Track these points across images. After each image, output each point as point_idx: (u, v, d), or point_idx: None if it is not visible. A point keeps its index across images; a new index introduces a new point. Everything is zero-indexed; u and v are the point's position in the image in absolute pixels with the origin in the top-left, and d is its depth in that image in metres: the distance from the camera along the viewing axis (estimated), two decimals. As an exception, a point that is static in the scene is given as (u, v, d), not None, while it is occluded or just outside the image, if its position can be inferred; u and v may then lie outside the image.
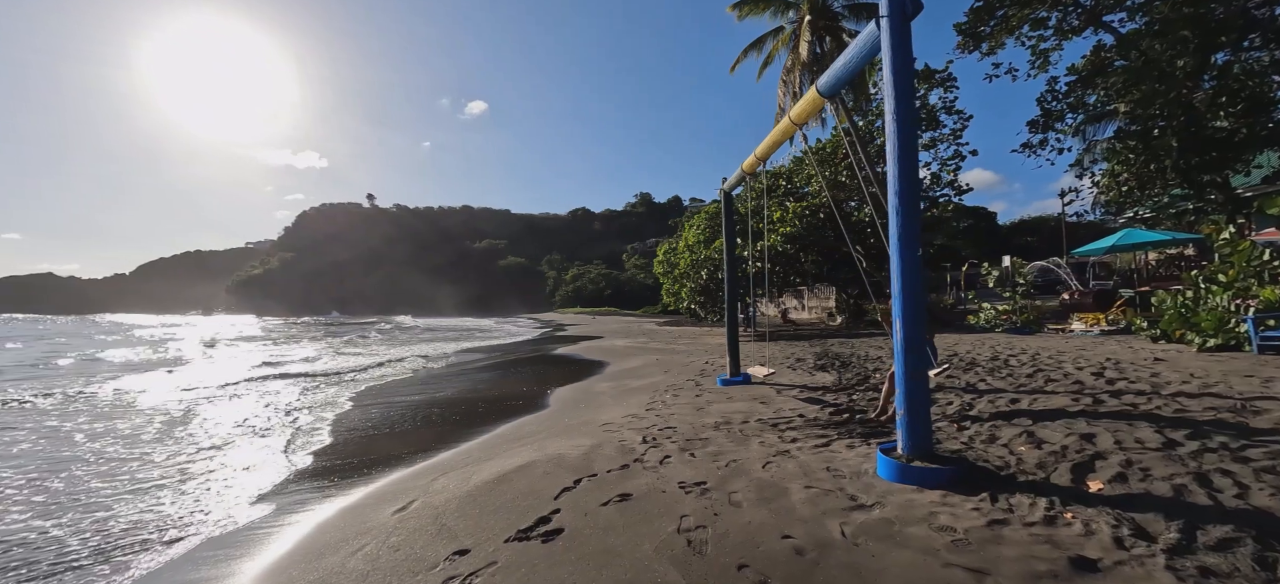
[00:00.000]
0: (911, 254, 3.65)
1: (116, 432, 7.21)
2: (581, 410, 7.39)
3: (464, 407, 8.53)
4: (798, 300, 40.00)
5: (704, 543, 2.85)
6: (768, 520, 3.05)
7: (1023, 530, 2.69)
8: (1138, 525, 2.62)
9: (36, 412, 8.90)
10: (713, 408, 6.53)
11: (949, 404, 5.59)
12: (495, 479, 4.16)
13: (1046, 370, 6.86)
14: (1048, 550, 2.47)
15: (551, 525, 3.22)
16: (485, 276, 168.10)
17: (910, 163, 3.71)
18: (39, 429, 7.49)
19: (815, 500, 3.30)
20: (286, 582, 2.98)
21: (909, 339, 3.61)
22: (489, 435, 6.35)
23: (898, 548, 2.64)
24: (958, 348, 10.00)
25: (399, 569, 2.91)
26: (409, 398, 9.66)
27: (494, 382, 11.62)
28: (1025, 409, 5.03)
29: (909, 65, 3.74)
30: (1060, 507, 2.89)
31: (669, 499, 3.47)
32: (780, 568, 2.53)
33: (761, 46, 17.97)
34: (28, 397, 10.31)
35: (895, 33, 3.70)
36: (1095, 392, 5.48)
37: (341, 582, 2.88)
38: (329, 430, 7.08)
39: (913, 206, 3.68)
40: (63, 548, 3.71)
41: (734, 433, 5.08)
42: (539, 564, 2.78)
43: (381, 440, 6.49)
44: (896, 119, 3.69)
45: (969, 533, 2.71)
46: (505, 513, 3.49)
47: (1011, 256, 19.26)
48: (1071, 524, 2.71)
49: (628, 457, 4.44)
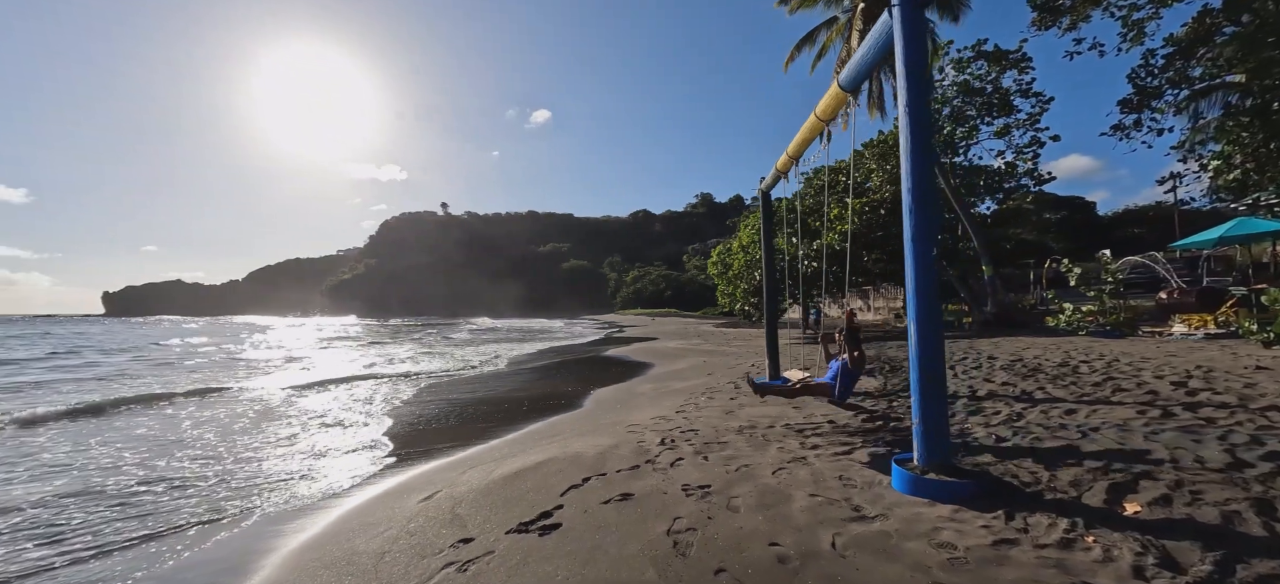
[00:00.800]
0: (926, 252, 3.46)
1: (218, 420, 8.21)
2: (615, 411, 7.53)
3: (508, 405, 8.93)
4: (863, 301, 38.30)
5: (690, 545, 2.87)
6: (760, 527, 3.02)
7: (1032, 552, 2.50)
8: (1168, 554, 2.35)
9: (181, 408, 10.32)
10: (743, 411, 6.46)
11: (995, 414, 5.20)
12: (513, 474, 4.37)
13: (1119, 379, 6.17)
14: (1054, 576, 2.29)
15: (551, 520, 3.36)
16: (549, 279, 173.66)
17: (925, 159, 3.52)
18: (162, 419, 8.68)
19: (816, 510, 3.22)
20: (318, 555, 3.32)
21: (924, 345, 3.43)
22: (521, 432, 6.64)
23: (887, 562, 2.53)
24: (1025, 353, 9.19)
25: (409, 552, 3.16)
26: (461, 396, 10.24)
27: (542, 381, 12.05)
28: (1080, 421, 4.58)
29: (923, 56, 3.55)
30: (1083, 529, 2.65)
31: (669, 501, 3.51)
32: (759, 576, 2.51)
33: (814, 39, 17.33)
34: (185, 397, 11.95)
35: (907, 22, 3.53)
36: (1169, 403, 4.88)
37: (361, 559, 3.17)
38: (385, 425, 7.68)
39: (929, 204, 3.49)
40: (140, 510, 4.31)
41: (755, 438, 5.01)
42: (531, 556, 2.92)
43: (427, 435, 6.96)
44: (909, 113, 3.51)
45: (970, 551, 2.55)
46: (513, 506, 3.67)
47: (1107, 251, 17.42)
48: (1090, 549, 2.48)
49: (641, 458, 4.50)
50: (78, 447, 6.55)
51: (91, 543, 3.80)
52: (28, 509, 4.49)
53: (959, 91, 18.06)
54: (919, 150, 3.51)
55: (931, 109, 3.64)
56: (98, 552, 3.67)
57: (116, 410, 9.07)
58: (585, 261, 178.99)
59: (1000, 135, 18.22)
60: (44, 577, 3.38)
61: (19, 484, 5.15)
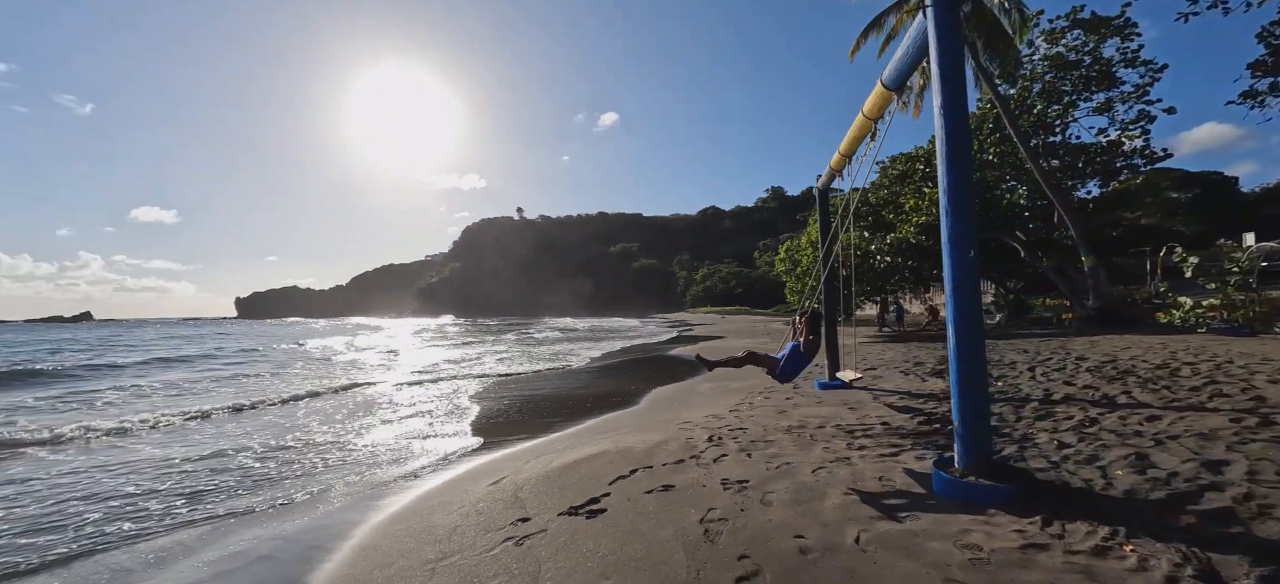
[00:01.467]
0: (963, 256, 3.45)
1: (324, 412, 9.45)
2: (671, 408, 7.81)
3: (572, 402, 9.48)
4: (948, 296, 35.57)
5: (719, 533, 3.10)
6: (789, 520, 3.19)
7: (1061, 558, 2.49)
8: (1211, 567, 2.27)
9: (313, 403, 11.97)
10: (796, 411, 6.50)
11: (1067, 419, 4.92)
12: (569, 465, 4.79)
13: (1224, 383, 5.53)
14: (1073, 578, 2.30)
15: (598, 506, 3.72)
16: (619, 279, 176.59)
17: (963, 160, 3.50)
18: (283, 413, 10.12)
19: (847, 507, 3.33)
20: (404, 526, 3.89)
21: (962, 345, 3.42)
22: (582, 427, 7.10)
23: (906, 559, 2.63)
24: (1122, 353, 8.35)
25: (475, 527, 3.64)
26: (534, 392, 10.97)
27: (606, 379, 12.57)
28: (1160, 429, 4.25)
29: (958, 58, 3.53)
30: (1123, 538, 2.58)
31: (707, 493, 3.75)
32: (777, 563, 2.70)
33: (881, 24, 16.49)
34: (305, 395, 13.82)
35: (940, 24, 3.52)
36: (1275, 411, 4.37)
37: (437, 530, 3.69)
38: (467, 418, 8.47)
39: (965, 208, 3.48)
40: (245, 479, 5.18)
41: (803, 437, 5.09)
42: (578, 535, 3.29)
43: (501, 427, 7.61)
44: (945, 117, 3.51)
45: (994, 554, 2.59)
46: (568, 492, 4.08)
47: (1249, 235, 15.32)
48: (1125, 558, 2.43)
49: (687, 453, 4.76)
50: (243, 430, 7.86)
51: (235, 506, 4.67)
52: (233, 469, 5.55)
53: (1050, 66, 16.41)
54: (954, 155, 3.50)
55: (968, 112, 3.59)
56: (240, 513, 4.51)
57: (289, 404, 10.65)
58: (654, 260, 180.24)
59: (1100, 112, 16.32)
60: (205, 523, 4.22)
61: (239, 455, 6.32)
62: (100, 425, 8.00)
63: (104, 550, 3.92)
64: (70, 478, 5.60)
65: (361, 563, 3.33)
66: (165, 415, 8.73)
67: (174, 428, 8.06)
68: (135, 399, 11.17)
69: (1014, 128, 15.12)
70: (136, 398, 11.35)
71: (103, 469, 5.89)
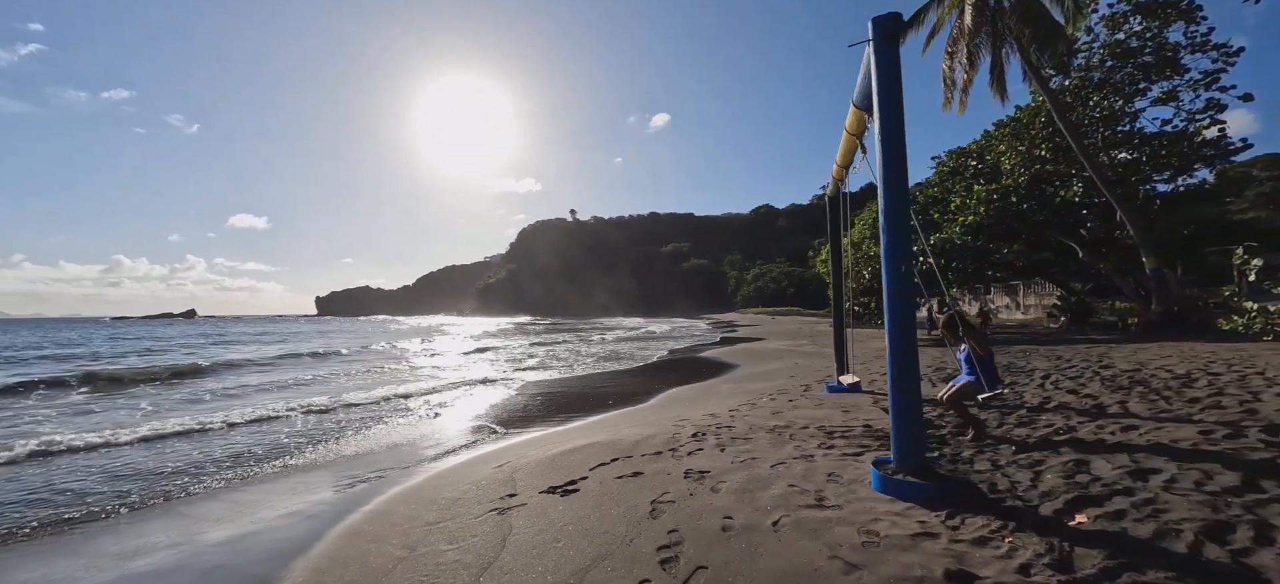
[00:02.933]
0: (896, 269, 3.74)
1: (405, 409, 10.61)
2: (679, 407, 8.26)
3: (592, 398, 10.11)
4: (1011, 297, 33.69)
5: (662, 512, 3.58)
6: (726, 505, 3.62)
7: (943, 545, 2.80)
8: (1067, 558, 2.53)
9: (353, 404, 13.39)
10: (791, 413, 6.78)
11: (1047, 426, 4.98)
12: (563, 452, 5.40)
13: (1227, 397, 5.32)
14: (942, 562, 2.61)
15: (573, 487, 4.28)
16: (670, 279, 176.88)
17: (900, 181, 3.77)
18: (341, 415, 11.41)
19: (786, 497, 3.70)
20: (415, 495, 4.62)
21: (896, 354, 3.70)
22: (587, 421, 7.71)
23: (808, 539, 3.01)
24: (1150, 363, 7.94)
25: (472, 499, 4.30)
26: (559, 389, 11.72)
27: (631, 378, 13.14)
28: (1126, 438, 4.29)
29: (896, 88, 3.80)
30: (1009, 532, 2.85)
31: (668, 480, 4.22)
32: (698, 538, 3.16)
33: (921, 20, 16.02)
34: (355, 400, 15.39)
35: (880, 54, 3.81)
36: (1251, 425, 4.27)
37: (441, 501, 4.37)
38: (490, 410, 9.29)
39: (900, 224, 3.76)
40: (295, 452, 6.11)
41: (782, 436, 5.43)
42: (549, 508, 3.87)
43: (520, 420, 8.35)
44: (883, 142, 3.80)
45: (886, 539, 2.92)
46: (553, 475, 4.67)
47: None
48: (1000, 547, 2.71)
49: (667, 446, 5.24)
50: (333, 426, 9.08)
51: (286, 465, 5.61)
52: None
53: (1108, 55, 15.29)
54: (892, 176, 3.78)
55: (904, 135, 3.85)
56: (286, 469, 5.43)
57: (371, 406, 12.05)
58: (706, 260, 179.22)
59: (1162, 102, 15.03)
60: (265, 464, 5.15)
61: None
62: (317, 402, 9.46)
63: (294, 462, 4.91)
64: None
65: (376, 521, 4.06)
66: (300, 405, 10.15)
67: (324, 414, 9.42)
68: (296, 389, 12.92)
69: (1064, 121, 14.27)
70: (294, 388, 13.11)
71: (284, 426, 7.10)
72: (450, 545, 3.47)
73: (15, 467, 6.16)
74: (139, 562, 3.72)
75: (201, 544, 3.94)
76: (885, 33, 3.81)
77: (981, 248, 18.67)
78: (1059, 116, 14.34)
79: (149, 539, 4.10)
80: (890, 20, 3.83)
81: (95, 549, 3.97)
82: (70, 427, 8.41)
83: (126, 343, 33.83)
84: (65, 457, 6.56)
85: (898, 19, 3.85)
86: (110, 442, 7.13)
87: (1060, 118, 14.32)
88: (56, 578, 3.55)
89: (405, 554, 3.42)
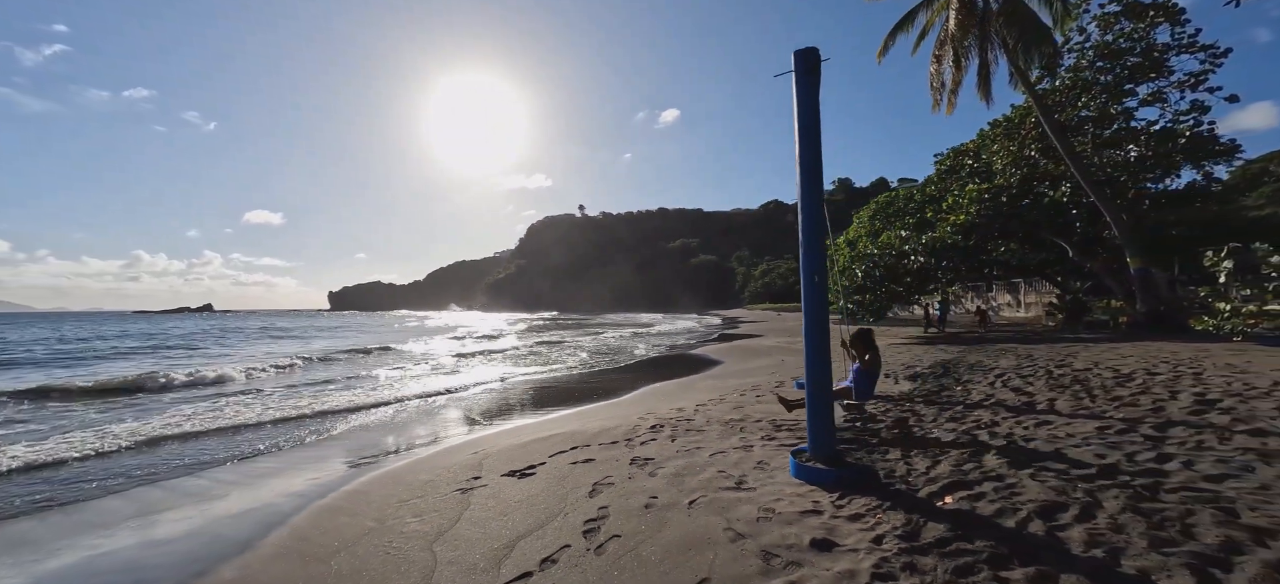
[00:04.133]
0: (809, 280, 4.18)
1: (420, 409, 11.21)
2: (651, 401, 8.74)
3: (576, 392, 10.63)
4: (1012, 295, 33.71)
5: (599, 492, 4.08)
6: (657, 488, 4.10)
7: (823, 520, 3.25)
8: (917, 530, 2.97)
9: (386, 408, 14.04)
10: (751, 408, 7.22)
11: (975, 422, 5.38)
12: (530, 441, 5.91)
13: (1149, 395, 5.68)
14: (814, 533, 3.07)
15: (531, 471, 4.79)
16: (677, 274, 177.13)
17: (815, 202, 4.20)
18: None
19: (712, 481, 4.18)
20: (393, 477, 5.14)
21: (811, 358, 4.15)
22: (563, 413, 8.22)
23: (713, 515, 3.48)
24: (1104, 361, 8.25)
25: (442, 482, 4.82)
26: (547, 384, 12.25)
27: (616, 374, 13.64)
28: (1029, 432, 4.70)
29: (814, 116, 4.22)
30: (883, 510, 3.30)
31: (615, 466, 4.71)
32: (623, 513, 3.64)
33: (912, 22, 16.22)
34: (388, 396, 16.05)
35: (799, 86, 4.24)
36: (1147, 425, 4.65)
37: (415, 483, 4.89)
38: (477, 404, 9.84)
39: (815, 241, 4.19)
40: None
41: (732, 429, 5.89)
42: (504, 488, 4.39)
43: (500, 411, 8.89)
44: (801, 165, 4.24)
45: (780, 513, 3.39)
46: (515, 460, 5.18)
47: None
48: (868, 522, 3.16)
49: (624, 436, 5.73)
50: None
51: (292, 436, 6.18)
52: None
53: (1098, 56, 15.38)
54: (809, 197, 4.21)
55: (821, 157, 4.28)
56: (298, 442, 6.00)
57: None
58: (713, 257, 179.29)
59: (1149, 102, 15.11)
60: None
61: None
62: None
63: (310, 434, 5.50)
64: (181, 437, 7.46)
65: (353, 499, 4.60)
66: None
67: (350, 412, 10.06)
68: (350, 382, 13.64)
69: (1048, 122, 14.43)
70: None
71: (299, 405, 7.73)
72: (415, 518, 3.99)
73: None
74: (158, 530, 4.29)
75: (211, 516, 4.51)
76: (805, 65, 4.23)
77: (973, 247, 18.87)
78: (1043, 117, 14.52)
79: (167, 513, 4.68)
80: (809, 54, 4.25)
81: (139, 510, 4.55)
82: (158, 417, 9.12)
83: (141, 339, 35.02)
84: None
85: (815, 53, 4.27)
86: (161, 436, 7.80)
87: (1044, 118, 14.50)
88: (87, 537, 4.12)
89: (375, 525, 3.95)
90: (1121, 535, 2.67)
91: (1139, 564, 2.40)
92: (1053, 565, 2.44)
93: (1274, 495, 2.97)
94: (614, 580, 2.79)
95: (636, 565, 2.92)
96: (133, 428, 7.82)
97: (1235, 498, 2.99)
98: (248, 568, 3.43)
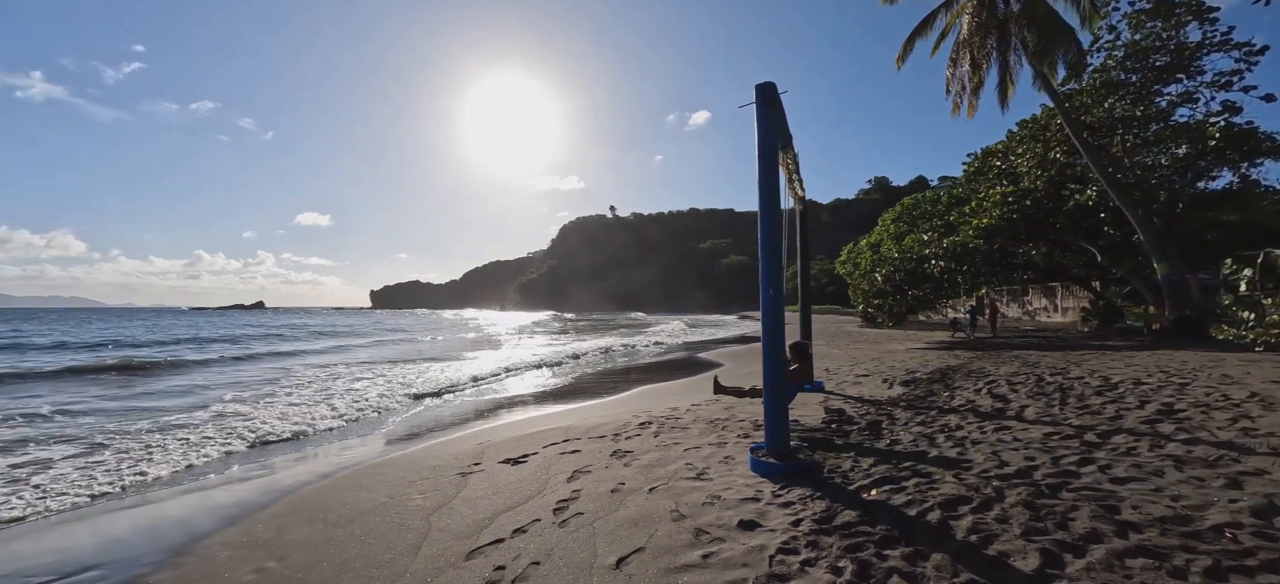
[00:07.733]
0: (766, 291, 4.63)
1: (453, 405, 12.12)
2: (647, 400, 9.25)
3: (582, 390, 11.25)
4: (1048, 299, 32.62)
5: (577, 478, 4.65)
6: (627, 477, 4.63)
7: (758, 505, 3.72)
8: (829, 516, 3.41)
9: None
10: (741, 409, 7.64)
11: (942, 427, 5.68)
12: (529, 433, 6.54)
13: (1117, 404, 5.83)
14: (744, 516, 3.54)
15: (523, 459, 5.40)
16: (709, 275, 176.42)
17: (774, 219, 4.64)
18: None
19: (677, 472, 4.68)
20: (407, 459, 5.85)
21: (768, 362, 4.60)
22: (564, 407, 8.85)
23: (666, 499, 3.99)
24: (1100, 370, 8.26)
25: (447, 467, 5.48)
26: (557, 382, 12.93)
27: (623, 374, 14.20)
28: (985, 437, 4.99)
29: (773, 143, 4.67)
30: (812, 499, 3.74)
31: (597, 457, 5.27)
32: (591, 496, 4.20)
33: (929, 26, 16.10)
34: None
35: (759, 114, 4.69)
36: (1094, 431, 4.87)
37: (423, 466, 5.57)
38: (487, 401, 10.58)
39: (773, 254, 4.64)
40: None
41: (714, 427, 6.35)
42: (498, 473, 5.01)
43: (506, 406, 9.57)
44: (761, 186, 4.69)
45: (723, 499, 3.87)
46: (512, 449, 5.81)
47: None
48: (795, 509, 3.61)
49: (613, 431, 6.28)
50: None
51: (321, 419, 7.00)
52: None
53: (1128, 54, 14.90)
54: (766, 216, 4.66)
55: (778, 180, 4.70)
56: (312, 427, 6.82)
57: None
58: (744, 257, 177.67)
59: (1178, 103, 14.53)
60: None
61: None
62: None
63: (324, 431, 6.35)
64: (232, 423, 8.45)
65: (369, 477, 5.31)
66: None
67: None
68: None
69: (1070, 124, 14.13)
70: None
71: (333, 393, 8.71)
72: (419, 495, 4.66)
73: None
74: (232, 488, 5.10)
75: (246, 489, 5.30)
76: (763, 97, 4.69)
77: (997, 251, 18.55)
78: (1065, 119, 14.24)
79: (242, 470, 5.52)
80: (767, 87, 4.71)
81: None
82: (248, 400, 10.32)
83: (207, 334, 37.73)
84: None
85: (773, 87, 4.72)
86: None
87: (1066, 121, 14.21)
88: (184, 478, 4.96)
89: (387, 500, 4.63)
90: (1002, 525, 3.05)
91: (1002, 548, 2.79)
92: (928, 546, 2.85)
93: (1161, 496, 3.27)
94: (566, 546, 3.35)
95: (589, 536, 3.47)
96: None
97: (1126, 498, 3.30)
98: (277, 524, 4.15)
